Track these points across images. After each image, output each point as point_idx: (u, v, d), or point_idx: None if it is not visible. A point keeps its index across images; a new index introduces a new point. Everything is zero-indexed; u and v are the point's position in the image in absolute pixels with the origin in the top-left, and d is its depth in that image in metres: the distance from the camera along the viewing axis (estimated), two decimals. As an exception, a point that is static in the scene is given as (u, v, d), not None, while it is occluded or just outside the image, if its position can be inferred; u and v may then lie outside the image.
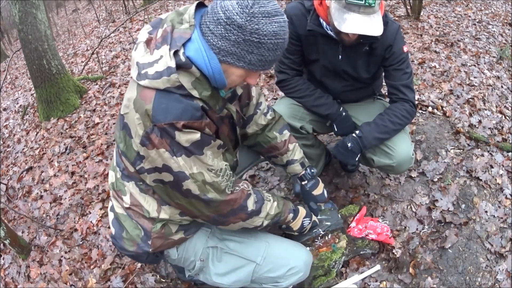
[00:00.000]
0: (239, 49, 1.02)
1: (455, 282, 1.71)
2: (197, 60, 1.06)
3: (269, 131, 1.59)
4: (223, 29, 1.00)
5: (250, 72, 1.10)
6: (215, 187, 1.18)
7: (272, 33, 1.01)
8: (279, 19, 1.02)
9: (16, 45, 9.03)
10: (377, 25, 1.46)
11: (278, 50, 1.06)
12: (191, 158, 1.11)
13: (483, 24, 4.38)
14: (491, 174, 2.19)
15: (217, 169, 1.18)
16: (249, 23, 0.98)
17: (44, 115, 3.81)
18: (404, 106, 1.71)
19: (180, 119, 1.04)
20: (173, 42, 1.04)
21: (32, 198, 2.83)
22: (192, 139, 1.08)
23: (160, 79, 1.03)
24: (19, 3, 3.43)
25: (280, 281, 1.43)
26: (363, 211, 1.95)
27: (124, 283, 2.01)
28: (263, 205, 1.33)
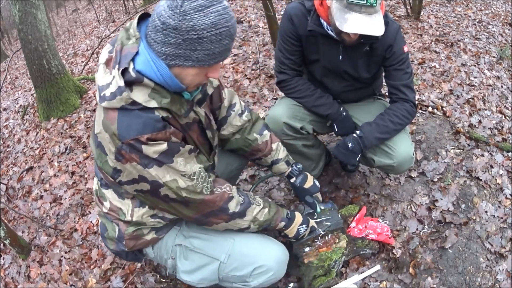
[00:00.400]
0: (183, 50, 1.02)
1: (455, 282, 1.71)
2: (147, 71, 1.07)
3: (249, 134, 1.59)
4: (162, 35, 1.01)
5: (206, 68, 1.09)
6: (190, 191, 1.20)
7: (210, 25, 0.99)
8: (215, 9, 0.99)
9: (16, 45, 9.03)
10: (379, 25, 1.46)
11: (224, 39, 1.03)
12: (163, 168, 1.14)
13: (483, 24, 4.38)
14: (491, 174, 2.19)
15: (190, 173, 1.19)
16: (182, 22, 0.97)
17: (44, 115, 3.81)
18: (405, 106, 1.71)
19: (143, 133, 1.07)
20: (122, 60, 1.07)
21: (32, 198, 2.83)
22: (159, 150, 1.11)
23: (115, 99, 1.06)
24: (19, 3, 3.43)
25: (248, 280, 1.40)
26: (363, 211, 1.95)
27: (124, 283, 2.01)
28: (249, 208, 1.34)
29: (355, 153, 1.72)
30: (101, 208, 1.40)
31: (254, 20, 4.82)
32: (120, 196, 1.32)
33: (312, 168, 2.08)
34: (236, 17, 5.07)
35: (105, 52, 1.15)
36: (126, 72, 1.06)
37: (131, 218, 1.33)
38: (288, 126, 1.81)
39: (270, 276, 1.40)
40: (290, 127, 1.81)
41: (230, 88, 1.64)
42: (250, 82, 3.43)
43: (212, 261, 1.39)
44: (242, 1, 5.69)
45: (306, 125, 1.84)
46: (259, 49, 3.85)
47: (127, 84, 1.06)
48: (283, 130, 1.82)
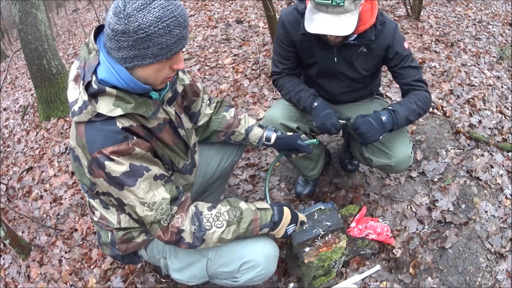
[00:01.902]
0: (137, 50, 1.04)
1: (455, 282, 1.71)
2: (109, 79, 1.10)
3: (216, 114, 1.64)
4: (115, 41, 1.04)
5: (165, 61, 1.10)
6: (147, 221, 1.20)
7: (155, 20, 1.00)
8: (157, 3, 1.01)
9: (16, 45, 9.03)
10: (345, 25, 1.43)
11: (173, 30, 1.03)
12: (124, 191, 1.15)
13: (483, 24, 4.38)
14: (491, 174, 2.19)
15: (149, 202, 1.17)
16: (128, 25, 1.00)
17: (44, 115, 3.81)
18: (424, 94, 1.68)
19: (105, 146, 1.10)
20: (85, 75, 1.10)
21: (32, 198, 2.83)
22: (121, 170, 1.12)
23: (82, 113, 1.10)
24: (19, 3, 3.43)
25: (237, 276, 1.40)
26: (363, 211, 1.95)
27: (124, 283, 2.01)
28: (205, 235, 1.25)
29: (385, 128, 1.59)
30: (93, 217, 1.43)
31: (254, 20, 4.82)
32: (106, 207, 1.36)
33: (311, 168, 2.08)
34: (236, 17, 5.07)
35: (74, 68, 1.17)
36: (90, 85, 1.09)
37: (119, 226, 1.37)
38: (285, 127, 1.81)
39: (258, 272, 1.38)
40: (286, 127, 1.81)
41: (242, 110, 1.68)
42: (250, 82, 3.43)
43: (200, 258, 1.41)
44: (242, 1, 5.69)
45: (302, 125, 1.84)
46: (259, 49, 3.85)
47: (92, 96, 1.09)
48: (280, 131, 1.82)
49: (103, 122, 1.11)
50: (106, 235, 1.43)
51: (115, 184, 1.14)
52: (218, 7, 5.74)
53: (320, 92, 1.90)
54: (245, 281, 1.41)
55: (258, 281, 1.45)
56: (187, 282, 1.49)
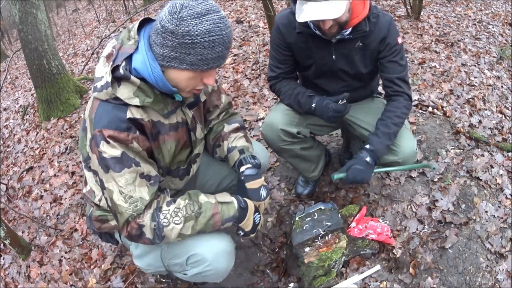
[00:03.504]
0: (178, 53, 1.09)
1: (455, 282, 1.71)
2: (142, 71, 1.15)
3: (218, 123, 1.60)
4: (161, 37, 1.09)
5: (200, 73, 1.15)
6: (118, 211, 1.21)
7: (204, 32, 1.05)
8: (210, 17, 1.06)
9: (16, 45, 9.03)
10: (334, 8, 1.43)
11: (217, 46, 1.09)
12: (108, 174, 1.18)
13: (483, 24, 4.38)
14: (491, 174, 2.19)
15: (127, 195, 1.19)
16: (179, 27, 1.05)
17: (44, 115, 3.81)
18: (401, 103, 1.69)
19: (106, 127, 1.14)
20: (117, 58, 1.16)
21: (32, 198, 2.83)
22: (112, 154, 1.16)
23: (102, 92, 1.16)
24: (19, 3, 3.44)
25: (186, 269, 1.40)
26: (363, 211, 1.95)
27: (124, 283, 2.01)
28: (164, 231, 1.23)
29: (372, 166, 1.66)
30: (83, 189, 1.47)
31: (254, 20, 4.82)
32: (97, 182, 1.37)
33: (312, 169, 2.08)
34: (236, 17, 5.07)
35: (109, 46, 1.21)
36: (117, 69, 1.14)
37: (99, 202, 1.40)
38: (285, 132, 1.80)
39: (205, 268, 1.35)
40: (287, 133, 1.81)
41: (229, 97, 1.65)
42: (250, 82, 3.43)
43: (156, 248, 1.42)
44: (242, 1, 5.69)
45: (302, 129, 1.84)
46: (259, 49, 3.85)
47: (116, 79, 1.14)
48: (280, 137, 1.81)
49: (116, 105, 1.16)
50: (89, 209, 1.48)
51: (102, 165, 1.17)
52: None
53: (319, 93, 1.90)
54: (193, 276, 1.40)
55: (210, 278, 1.42)
56: (146, 270, 1.53)
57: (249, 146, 1.54)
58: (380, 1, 4.99)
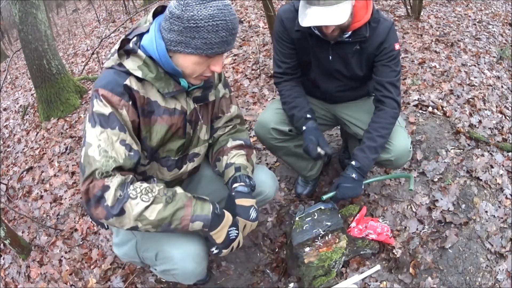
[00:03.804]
0: (183, 37, 1.14)
1: (455, 282, 1.71)
2: (148, 48, 1.22)
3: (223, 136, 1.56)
4: (168, 23, 1.16)
5: (206, 58, 1.19)
6: (88, 161, 1.15)
7: (208, 16, 1.11)
8: (215, 3, 1.12)
9: (16, 45, 9.03)
10: (338, 14, 1.43)
11: (221, 31, 1.13)
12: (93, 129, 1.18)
13: (483, 24, 4.37)
14: (491, 174, 2.19)
15: (103, 149, 1.15)
16: (184, 12, 1.11)
17: (44, 115, 3.81)
18: (387, 112, 1.69)
19: (103, 88, 1.18)
20: (131, 33, 1.26)
21: (32, 198, 2.83)
22: (102, 111, 1.18)
23: (110, 59, 1.24)
24: (19, 3, 3.44)
25: (156, 264, 1.40)
26: (363, 211, 1.95)
27: (124, 283, 2.01)
28: (126, 204, 1.13)
29: (361, 181, 1.71)
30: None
31: (254, 20, 4.82)
32: None
33: (309, 168, 2.08)
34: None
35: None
36: (128, 43, 1.22)
37: None
38: (277, 130, 1.83)
39: (172, 266, 1.33)
40: (278, 131, 1.84)
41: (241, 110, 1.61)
42: (250, 82, 3.44)
43: (132, 238, 1.43)
44: (242, 1, 5.69)
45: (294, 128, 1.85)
46: (259, 49, 3.85)
47: (125, 52, 1.21)
48: (272, 135, 1.84)
49: (118, 71, 1.21)
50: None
51: (91, 119, 1.19)
52: (218, 7, 5.73)
53: (316, 91, 1.90)
54: (161, 272, 1.41)
55: (177, 278, 1.41)
56: (122, 259, 1.52)
57: (247, 166, 1.46)
58: (380, 1, 4.99)
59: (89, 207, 1.15)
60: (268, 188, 1.62)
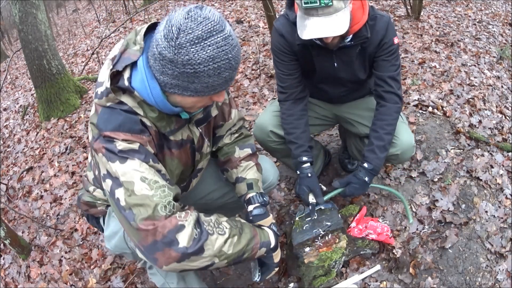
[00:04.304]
0: (180, 81, 0.99)
1: (455, 282, 1.71)
2: (141, 91, 1.05)
3: (229, 145, 1.52)
4: (159, 64, 0.98)
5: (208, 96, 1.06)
6: (143, 202, 1.02)
7: (207, 59, 0.94)
8: (213, 40, 0.94)
9: (16, 45, 9.03)
10: (339, 24, 1.41)
11: (223, 72, 0.98)
12: (125, 164, 1.04)
13: (483, 24, 4.38)
14: (491, 174, 2.19)
15: (151, 179, 1.04)
16: (178, 56, 0.93)
17: (44, 115, 3.81)
18: (390, 108, 1.69)
19: (118, 130, 1.04)
20: (119, 62, 1.05)
21: (32, 198, 2.83)
22: (128, 147, 1.05)
23: (103, 99, 1.07)
24: (19, 3, 3.44)
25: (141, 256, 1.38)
26: (363, 211, 1.95)
27: (125, 283, 2.01)
28: (207, 241, 1.05)
29: (370, 183, 1.73)
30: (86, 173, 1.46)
31: (254, 20, 4.82)
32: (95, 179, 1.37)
33: None
34: (236, 17, 5.07)
35: (116, 48, 1.12)
36: (121, 78, 1.05)
37: (92, 191, 1.39)
38: (275, 134, 1.83)
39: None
40: (276, 134, 1.84)
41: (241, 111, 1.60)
42: (250, 82, 3.44)
43: (120, 229, 1.36)
44: (242, 1, 5.69)
45: None
46: (259, 49, 3.85)
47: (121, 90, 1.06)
48: (271, 138, 1.84)
49: (122, 110, 1.06)
50: (82, 191, 1.49)
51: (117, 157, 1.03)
52: (218, 7, 5.74)
53: (321, 95, 1.90)
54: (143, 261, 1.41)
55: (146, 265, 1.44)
56: (113, 252, 1.48)
57: (258, 179, 1.46)
58: (380, 1, 4.99)
59: (153, 251, 1.02)
60: (272, 174, 1.67)
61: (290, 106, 1.77)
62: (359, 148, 1.96)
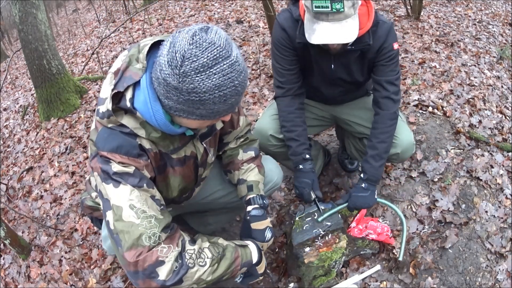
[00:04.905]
0: (186, 107, 0.98)
1: (455, 282, 1.71)
2: (144, 114, 1.04)
3: (233, 149, 1.53)
4: (164, 89, 0.96)
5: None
6: (128, 230, 1.03)
7: (212, 88, 0.92)
8: (219, 68, 0.91)
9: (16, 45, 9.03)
10: (349, 31, 1.39)
11: (229, 99, 0.97)
12: (118, 189, 1.05)
13: (483, 24, 4.38)
14: (491, 174, 2.19)
15: (140, 209, 1.04)
16: (182, 84, 0.91)
17: (44, 115, 3.81)
18: (385, 116, 1.67)
19: (116, 152, 1.04)
20: (120, 81, 1.03)
21: (32, 198, 2.83)
22: (123, 170, 1.05)
23: (104, 120, 1.06)
24: (19, 3, 3.44)
25: None
26: (363, 211, 1.94)
27: (125, 283, 2.01)
28: (186, 274, 1.07)
29: (372, 191, 1.73)
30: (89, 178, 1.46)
31: (254, 20, 4.82)
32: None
33: None
34: (236, 17, 5.07)
35: (119, 60, 1.10)
36: (123, 98, 1.03)
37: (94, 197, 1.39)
38: (275, 138, 1.84)
39: None
40: (276, 138, 1.84)
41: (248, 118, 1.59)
42: (250, 82, 3.44)
43: None
44: (242, 1, 5.69)
45: None
46: (259, 49, 3.85)
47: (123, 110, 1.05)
48: (271, 142, 1.85)
49: (121, 132, 1.06)
50: (85, 195, 1.50)
51: (111, 180, 1.05)
52: (218, 7, 5.75)
53: (318, 95, 1.90)
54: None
55: None
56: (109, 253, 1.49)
57: (259, 181, 1.47)
58: (380, 1, 4.99)
59: (136, 278, 1.05)
60: (276, 175, 1.68)
61: (289, 103, 1.77)
62: (358, 148, 1.96)
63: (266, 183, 1.58)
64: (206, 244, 1.17)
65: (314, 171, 1.79)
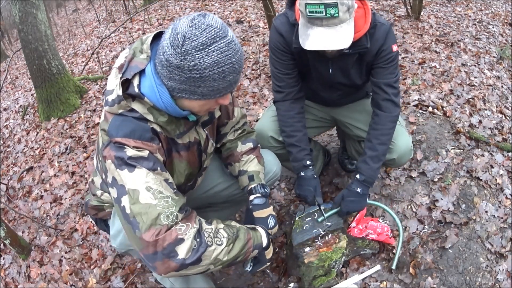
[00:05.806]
0: (187, 86, 1.05)
1: (455, 282, 1.71)
2: (151, 97, 1.11)
3: (232, 141, 1.58)
4: (167, 71, 1.04)
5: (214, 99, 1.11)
6: (146, 212, 1.06)
7: (212, 64, 1.00)
8: (217, 46, 1.00)
9: (16, 45, 9.04)
10: (343, 37, 1.37)
11: (228, 76, 1.04)
12: (133, 173, 1.08)
13: (483, 24, 4.38)
14: (491, 174, 2.19)
15: (156, 189, 1.08)
16: (184, 62, 0.99)
17: (45, 115, 3.81)
18: (385, 117, 1.66)
19: (129, 137, 1.09)
20: (127, 70, 1.10)
21: (33, 198, 2.83)
22: (138, 154, 1.09)
23: (114, 106, 1.12)
24: (19, 3, 3.44)
25: None
26: (363, 211, 1.94)
27: (125, 283, 2.01)
28: (205, 252, 1.10)
29: (365, 194, 1.71)
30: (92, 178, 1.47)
31: (254, 20, 4.83)
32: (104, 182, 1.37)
33: None
34: (236, 17, 5.07)
35: (122, 56, 1.16)
36: (131, 85, 1.10)
37: (100, 195, 1.40)
38: (275, 139, 1.83)
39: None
40: (276, 140, 1.84)
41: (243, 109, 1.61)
42: (250, 82, 3.44)
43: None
44: (242, 1, 5.70)
45: None
46: (259, 49, 3.85)
47: (130, 96, 1.10)
48: (271, 143, 1.84)
49: (136, 118, 1.11)
50: (88, 197, 1.50)
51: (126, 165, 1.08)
52: (218, 7, 5.75)
53: (316, 98, 1.90)
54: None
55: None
56: (120, 250, 1.48)
57: (259, 171, 1.52)
58: (380, 1, 4.99)
59: (153, 260, 1.06)
60: (275, 166, 1.71)
61: (288, 107, 1.76)
62: (358, 150, 1.96)
63: (266, 173, 1.61)
64: (221, 225, 1.20)
65: (316, 177, 1.78)
